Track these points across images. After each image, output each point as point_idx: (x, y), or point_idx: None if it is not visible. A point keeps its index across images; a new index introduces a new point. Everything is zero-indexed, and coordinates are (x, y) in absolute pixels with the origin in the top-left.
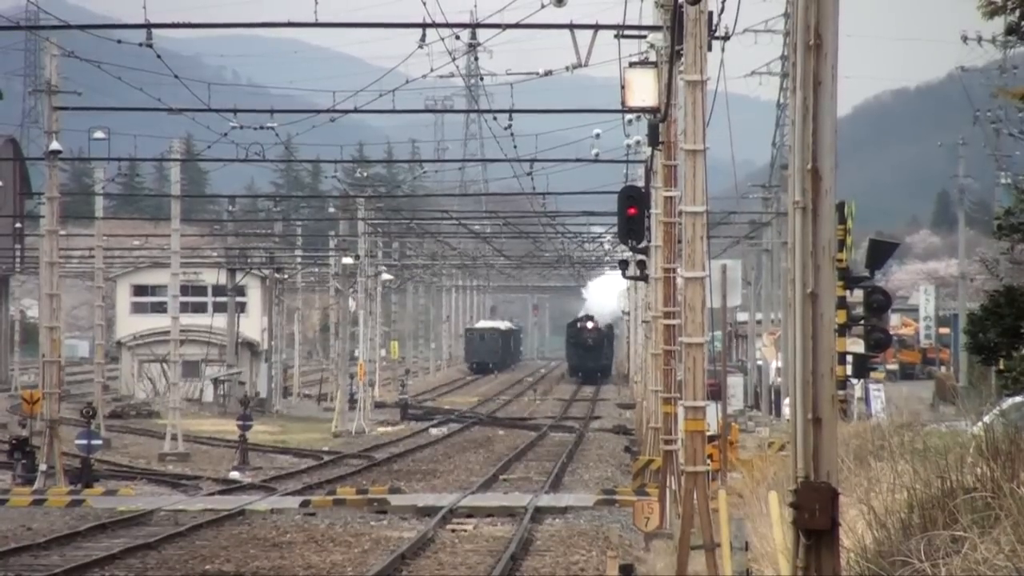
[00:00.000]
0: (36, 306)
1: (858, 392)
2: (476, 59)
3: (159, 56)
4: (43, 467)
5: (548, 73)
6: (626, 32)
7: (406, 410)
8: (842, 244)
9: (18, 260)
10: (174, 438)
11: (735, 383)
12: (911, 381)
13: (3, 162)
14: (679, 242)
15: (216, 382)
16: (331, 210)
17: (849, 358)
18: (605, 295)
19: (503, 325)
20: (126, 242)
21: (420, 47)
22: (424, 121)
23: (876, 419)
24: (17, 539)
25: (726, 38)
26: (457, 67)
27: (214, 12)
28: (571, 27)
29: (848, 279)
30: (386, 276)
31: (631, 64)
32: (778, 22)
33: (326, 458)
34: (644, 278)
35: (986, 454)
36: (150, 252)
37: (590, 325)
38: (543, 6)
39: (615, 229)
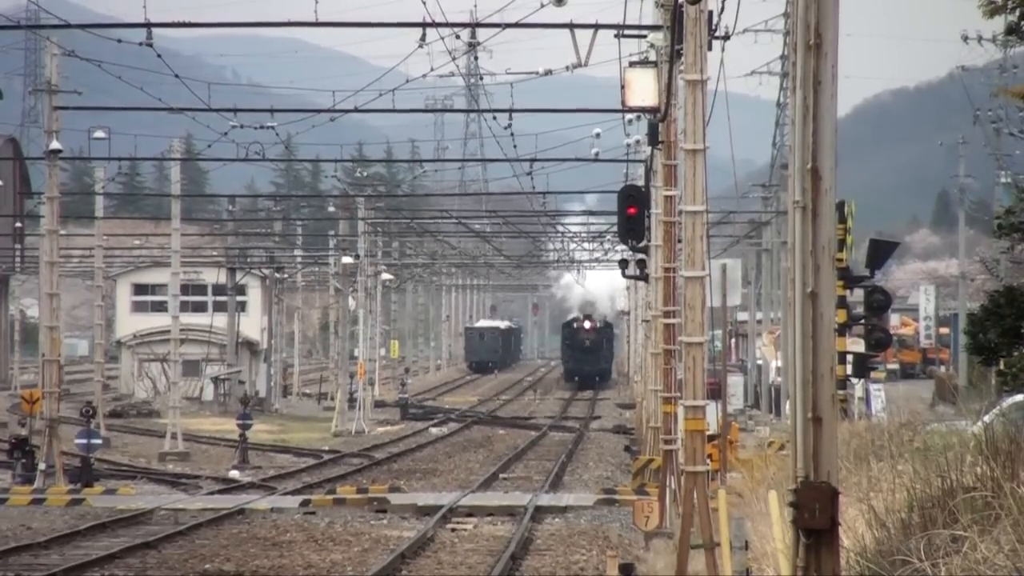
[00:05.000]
0: (36, 306)
1: (858, 392)
2: (476, 59)
3: (159, 56)
4: (43, 466)
5: (548, 73)
6: (626, 32)
7: (406, 409)
8: (842, 244)
9: (18, 260)
10: (174, 437)
11: (735, 382)
12: (911, 381)
13: (3, 162)
14: (679, 241)
15: (216, 381)
16: (331, 209)
17: (849, 358)
18: (597, 288)
19: (503, 324)
20: (126, 241)
21: (420, 47)
22: (424, 121)
23: (876, 419)
24: (17, 538)
25: (726, 38)
26: (457, 67)
27: (214, 12)
28: (571, 27)
29: (848, 279)
30: (386, 275)
31: (631, 64)
32: (778, 22)
33: (326, 457)
34: (644, 277)
35: (986, 453)
36: (150, 251)
37: (587, 325)
38: (543, 5)
39: (614, 228)
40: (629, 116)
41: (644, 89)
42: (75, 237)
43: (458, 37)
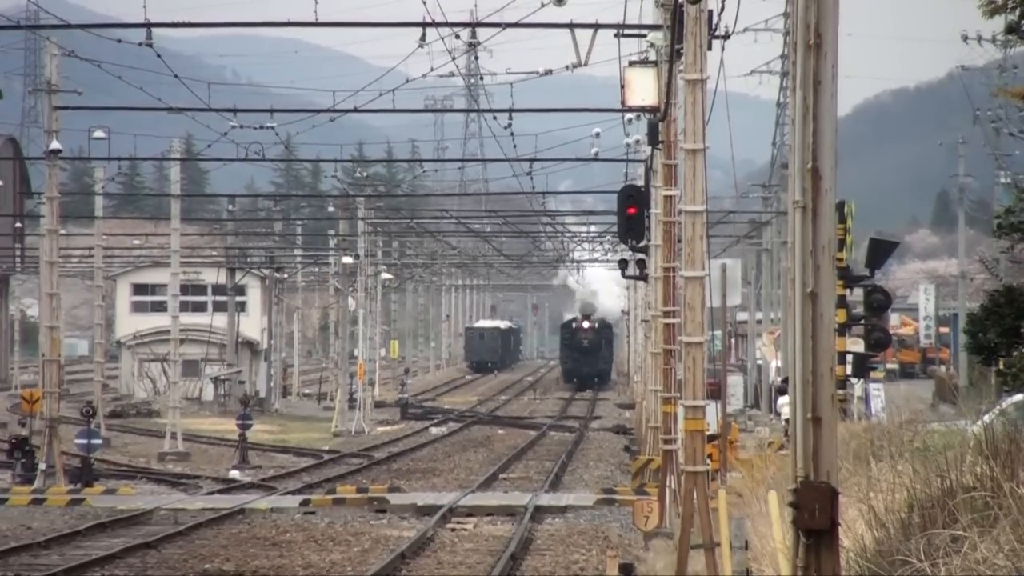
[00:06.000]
0: (36, 305)
1: (858, 392)
2: (476, 58)
3: (159, 55)
4: (43, 466)
5: (548, 72)
6: (626, 31)
7: (406, 409)
8: (842, 243)
9: (18, 260)
10: (174, 437)
11: (735, 382)
12: (911, 380)
13: (3, 161)
14: (679, 241)
15: (216, 381)
16: (331, 209)
17: (849, 357)
18: (604, 288)
19: (503, 324)
20: (126, 241)
21: (420, 46)
22: (424, 121)
23: (876, 419)
24: (17, 538)
25: (726, 37)
26: (457, 66)
27: (214, 12)
28: (571, 26)
29: (848, 278)
30: (386, 275)
31: (631, 63)
32: (778, 21)
33: (326, 457)
34: (644, 277)
35: (986, 453)
36: (150, 251)
37: (586, 325)
38: (543, 5)
39: (614, 228)
40: (629, 116)
41: (644, 89)
42: (75, 237)
43: (458, 37)
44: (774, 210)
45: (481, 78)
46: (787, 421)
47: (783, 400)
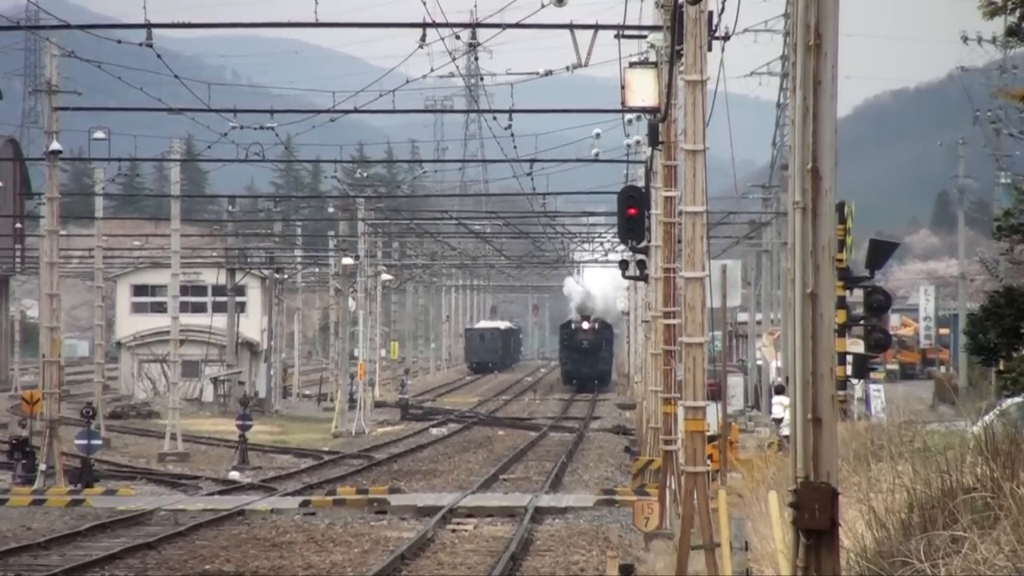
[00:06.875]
0: (36, 306)
1: (858, 392)
2: (476, 59)
3: (159, 56)
4: (43, 467)
5: (548, 73)
6: (626, 32)
7: (406, 410)
8: (842, 244)
9: (18, 260)
10: (174, 438)
11: (735, 383)
12: (911, 381)
13: (3, 162)
14: (679, 242)
15: (216, 382)
16: (331, 210)
17: (849, 358)
18: (601, 286)
19: (503, 325)
20: (126, 242)
21: (420, 47)
22: (424, 121)
23: (876, 419)
24: (17, 539)
25: (726, 38)
26: (457, 67)
27: (214, 12)
28: (571, 27)
29: (848, 279)
30: (386, 276)
31: (631, 64)
32: (778, 22)
33: (326, 458)
34: (644, 278)
35: (986, 454)
36: (150, 252)
37: (586, 325)
38: (543, 6)
39: (614, 228)
40: (629, 116)
41: (644, 89)
42: (75, 238)
43: (458, 37)
44: (774, 211)
45: (481, 78)
46: (777, 421)
47: (776, 399)
